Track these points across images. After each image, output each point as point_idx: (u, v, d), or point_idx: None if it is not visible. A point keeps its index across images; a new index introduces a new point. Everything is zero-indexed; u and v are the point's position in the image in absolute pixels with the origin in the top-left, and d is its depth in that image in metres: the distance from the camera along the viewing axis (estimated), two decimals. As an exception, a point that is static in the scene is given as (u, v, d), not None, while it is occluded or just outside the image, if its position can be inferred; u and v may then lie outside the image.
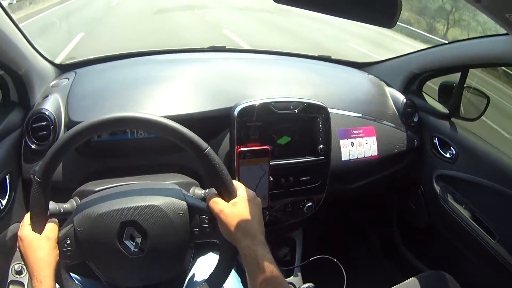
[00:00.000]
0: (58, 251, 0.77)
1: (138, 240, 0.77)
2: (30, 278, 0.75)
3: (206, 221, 0.80)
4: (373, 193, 1.70)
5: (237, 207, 0.78)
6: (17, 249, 0.79)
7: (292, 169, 1.24)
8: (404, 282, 1.14)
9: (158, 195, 0.81)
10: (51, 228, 0.78)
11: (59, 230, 0.79)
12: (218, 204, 0.78)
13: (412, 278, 1.14)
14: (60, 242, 0.78)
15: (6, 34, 1.06)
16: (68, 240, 0.78)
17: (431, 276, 1.17)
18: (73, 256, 0.78)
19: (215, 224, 0.80)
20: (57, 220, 0.81)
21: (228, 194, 0.80)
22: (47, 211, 0.79)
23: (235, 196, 0.80)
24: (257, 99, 1.20)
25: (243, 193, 0.81)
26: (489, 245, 1.27)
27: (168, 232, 0.78)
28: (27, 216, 0.79)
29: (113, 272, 0.82)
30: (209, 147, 0.79)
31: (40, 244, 0.76)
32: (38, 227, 0.77)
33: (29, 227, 0.77)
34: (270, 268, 0.71)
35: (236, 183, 0.82)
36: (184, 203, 0.80)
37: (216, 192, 0.81)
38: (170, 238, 0.79)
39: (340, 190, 1.40)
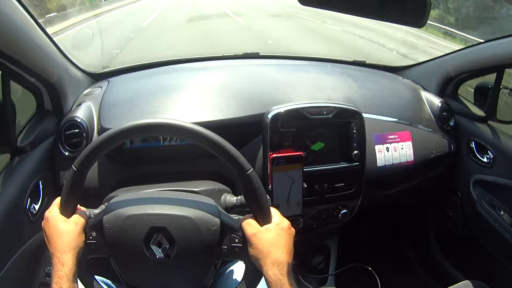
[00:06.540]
0: (84, 238, 0.77)
1: (165, 247, 0.77)
2: (51, 259, 0.74)
3: (237, 241, 0.78)
4: (409, 200, 1.65)
5: (270, 233, 0.76)
6: (45, 240, 0.78)
7: (326, 175, 1.22)
8: None
9: (193, 207, 0.80)
10: (79, 216, 0.79)
11: (87, 222, 0.80)
12: (251, 226, 0.77)
13: None
14: (86, 233, 0.78)
15: (38, 44, 1.08)
16: (94, 233, 0.78)
17: (467, 285, 1.14)
18: (96, 249, 0.79)
19: (244, 245, 0.78)
20: (86, 214, 0.81)
21: (263, 218, 0.78)
22: (77, 201, 0.80)
23: (270, 222, 0.78)
24: (290, 104, 1.19)
25: (278, 221, 0.79)
26: None
27: (196, 245, 0.77)
28: (57, 200, 0.80)
29: (133, 273, 0.82)
30: (252, 168, 0.77)
31: (66, 227, 0.76)
32: (66, 212, 0.78)
33: (57, 210, 0.78)
34: None
35: (272, 209, 0.81)
36: (217, 220, 0.79)
37: (252, 214, 0.80)
38: (197, 251, 0.78)
39: (376, 196, 1.37)
